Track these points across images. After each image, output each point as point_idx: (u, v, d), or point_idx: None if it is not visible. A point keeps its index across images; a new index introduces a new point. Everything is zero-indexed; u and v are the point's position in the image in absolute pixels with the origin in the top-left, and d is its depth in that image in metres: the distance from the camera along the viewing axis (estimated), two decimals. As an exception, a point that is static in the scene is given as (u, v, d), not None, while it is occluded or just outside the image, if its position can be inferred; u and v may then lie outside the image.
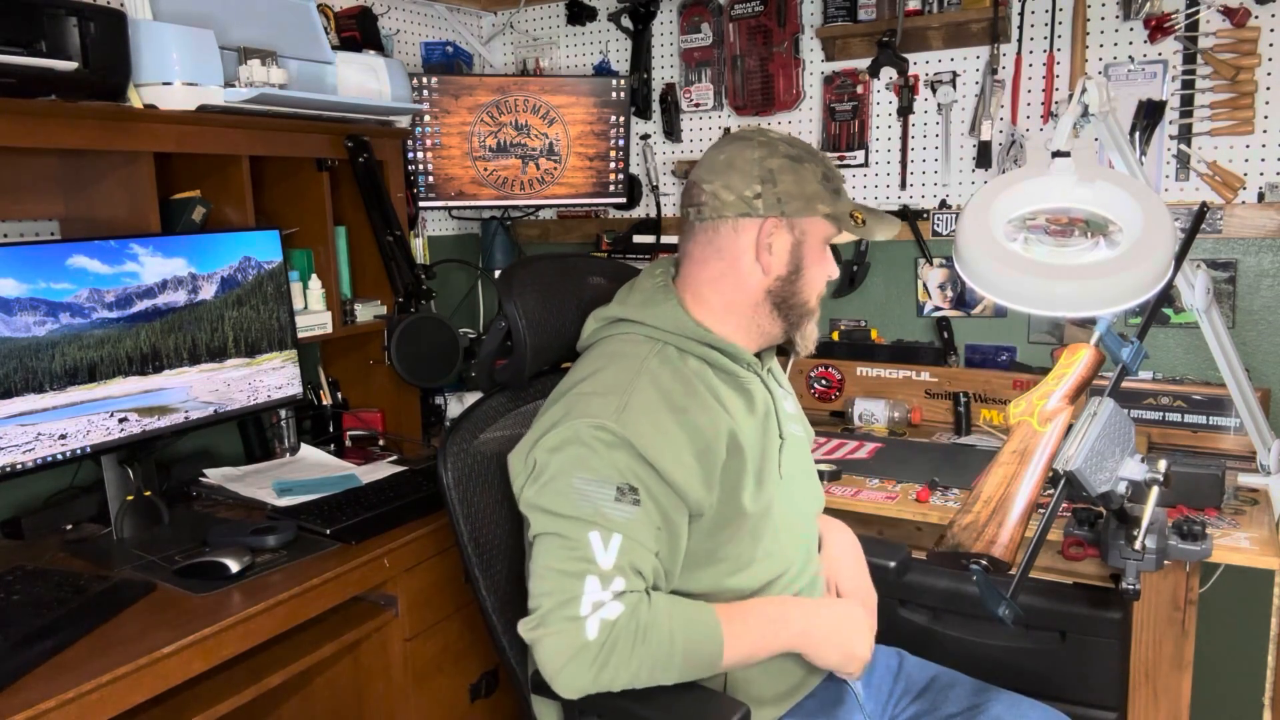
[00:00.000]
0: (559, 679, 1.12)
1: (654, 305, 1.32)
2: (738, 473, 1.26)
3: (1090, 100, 1.52)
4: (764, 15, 2.58)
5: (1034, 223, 1.44)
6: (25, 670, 1.22)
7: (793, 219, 1.29)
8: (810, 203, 1.28)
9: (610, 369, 1.27)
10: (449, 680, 1.86)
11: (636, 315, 1.32)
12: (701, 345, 1.30)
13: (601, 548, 1.14)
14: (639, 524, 1.16)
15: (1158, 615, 1.66)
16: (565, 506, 1.16)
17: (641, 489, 1.17)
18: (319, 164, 2.06)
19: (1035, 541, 1.37)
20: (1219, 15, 2.09)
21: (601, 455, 1.17)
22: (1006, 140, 2.35)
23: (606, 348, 1.32)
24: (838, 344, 2.58)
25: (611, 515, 1.15)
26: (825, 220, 1.30)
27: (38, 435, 1.53)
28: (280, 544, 1.62)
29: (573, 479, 1.17)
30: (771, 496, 1.31)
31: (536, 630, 1.14)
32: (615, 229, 2.90)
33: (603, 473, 1.16)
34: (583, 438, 1.18)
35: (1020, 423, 1.41)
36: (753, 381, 1.35)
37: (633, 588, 1.14)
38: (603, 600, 1.12)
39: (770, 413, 1.36)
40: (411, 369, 2.06)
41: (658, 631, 1.13)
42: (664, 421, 1.20)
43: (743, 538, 1.27)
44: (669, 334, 1.30)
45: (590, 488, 1.16)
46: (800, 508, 1.41)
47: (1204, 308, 1.70)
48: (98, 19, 1.57)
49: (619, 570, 1.13)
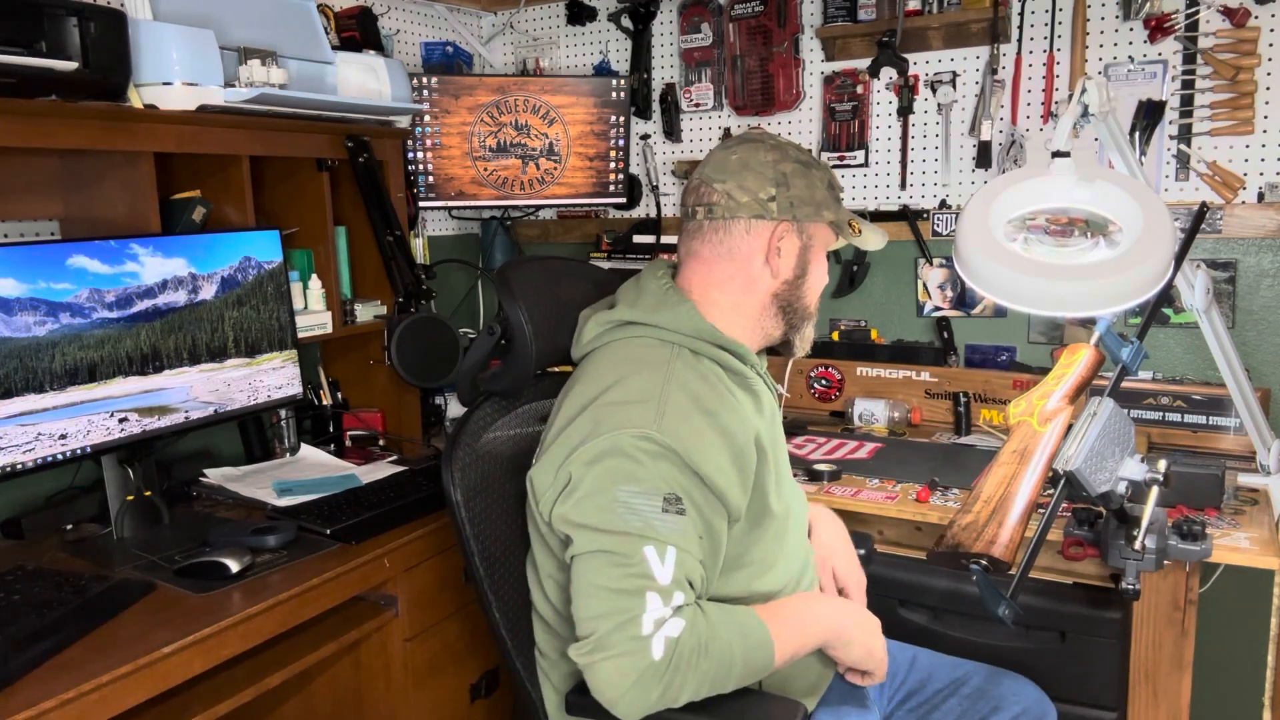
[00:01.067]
0: (622, 703, 1.07)
1: (668, 307, 1.29)
2: (764, 474, 1.26)
3: (1090, 100, 1.52)
4: (764, 15, 2.58)
5: (1034, 223, 1.44)
6: (25, 670, 1.22)
7: (803, 223, 1.30)
8: (819, 209, 1.30)
9: (636, 376, 1.22)
10: (449, 680, 1.86)
11: (649, 318, 1.29)
12: (714, 347, 1.29)
13: (659, 562, 1.10)
14: (686, 534, 1.13)
15: (1158, 615, 1.66)
16: (613, 522, 1.12)
17: (685, 498, 1.14)
18: (319, 164, 2.06)
19: (1035, 541, 1.37)
20: (1219, 15, 2.09)
21: (647, 466, 1.13)
22: (1006, 140, 2.35)
23: (620, 352, 1.28)
24: (838, 344, 2.58)
25: (661, 528, 1.11)
26: (829, 227, 1.33)
27: (38, 435, 1.53)
28: (280, 544, 1.62)
29: (616, 492, 1.13)
30: (789, 497, 1.34)
31: (594, 655, 1.09)
32: (615, 229, 2.90)
33: (649, 484, 1.13)
34: (624, 449, 1.14)
35: (1020, 423, 1.41)
36: (757, 382, 1.35)
37: (688, 601, 1.12)
38: (665, 617, 1.08)
39: (775, 413, 1.38)
40: (411, 369, 2.06)
41: (718, 643, 1.11)
42: (700, 427, 1.18)
43: (768, 540, 1.28)
44: (684, 336, 1.28)
45: (638, 500, 1.12)
46: (799, 506, 1.43)
47: (1204, 308, 1.70)
48: (98, 19, 1.57)
49: (677, 584, 1.10)
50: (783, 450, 1.38)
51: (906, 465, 2.08)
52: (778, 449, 1.34)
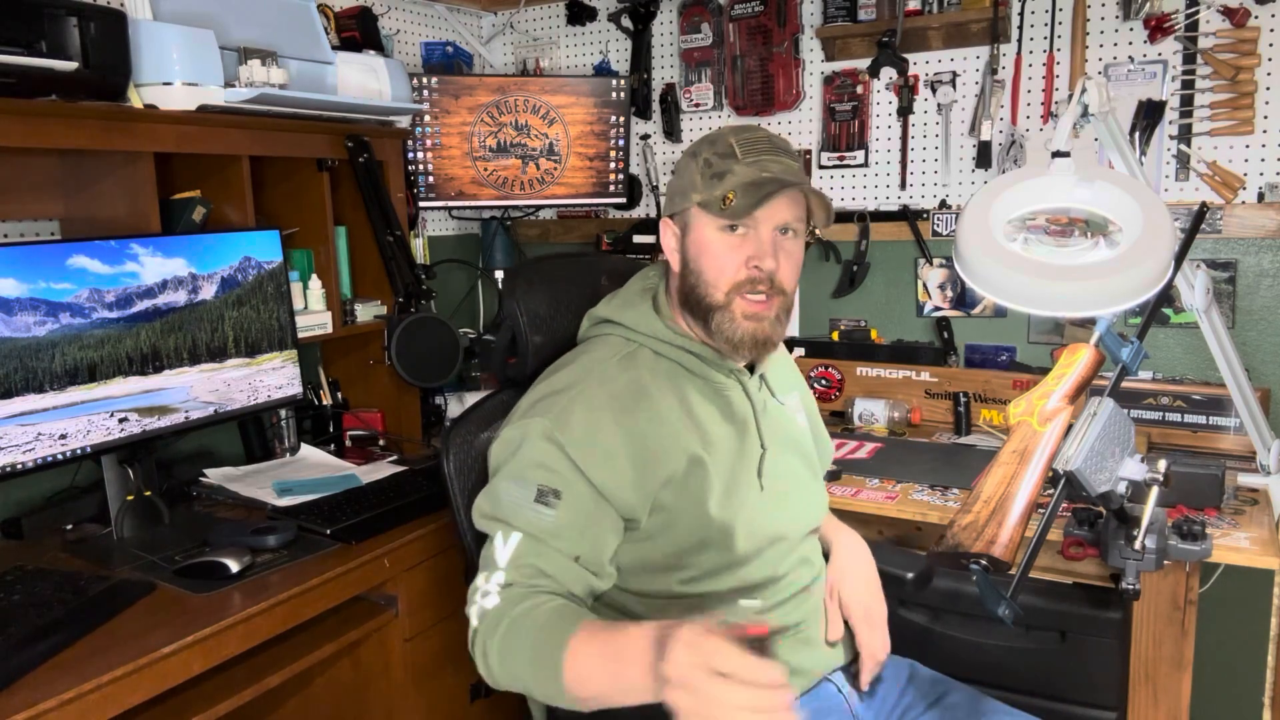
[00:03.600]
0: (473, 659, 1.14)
1: (630, 308, 1.33)
2: (701, 482, 1.24)
3: (1090, 100, 1.52)
4: (764, 15, 2.58)
5: (1034, 223, 1.44)
6: (25, 670, 1.22)
7: (676, 214, 1.30)
8: (685, 195, 1.27)
9: (567, 369, 1.29)
10: (449, 680, 1.86)
11: (616, 316, 1.34)
12: (674, 348, 1.30)
13: (502, 545, 1.14)
14: (553, 526, 1.14)
15: (1157, 615, 1.66)
16: (494, 508, 1.18)
17: (566, 490, 1.16)
18: (319, 164, 2.06)
19: (1035, 541, 1.37)
20: (1219, 15, 2.09)
21: (531, 456, 1.18)
22: (1006, 140, 2.35)
23: (584, 348, 1.35)
24: (838, 344, 2.58)
25: (520, 516, 1.15)
26: (700, 210, 1.25)
27: (38, 435, 1.53)
28: (280, 544, 1.62)
29: (500, 481, 1.20)
30: (746, 506, 1.28)
31: None
32: (615, 229, 2.90)
33: (528, 474, 1.17)
34: (516, 439, 1.20)
35: (1020, 423, 1.41)
36: (731, 388, 1.32)
37: (518, 581, 1.12)
38: (489, 590, 1.12)
39: (749, 421, 1.33)
40: (411, 369, 2.07)
41: (520, 630, 1.08)
42: (602, 423, 1.20)
43: (711, 547, 1.25)
44: (645, 336, 1.31)
45: (515, 489, 1.17)
46: (790, 517, 1.36)
47: (1204, 308, 1.70)
48: (98, 19, 1.57)
49: (513, 566, 1.13)
50: (752, 459, 1.31)
51: (906, 465, 2.08)
52: (743, 456, 1.30)
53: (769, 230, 1.24)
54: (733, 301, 1.24)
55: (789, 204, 1.24)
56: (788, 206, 1.24)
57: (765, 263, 1.23)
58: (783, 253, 1.25)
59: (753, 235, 1.23)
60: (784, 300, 1.27)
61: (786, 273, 1.26)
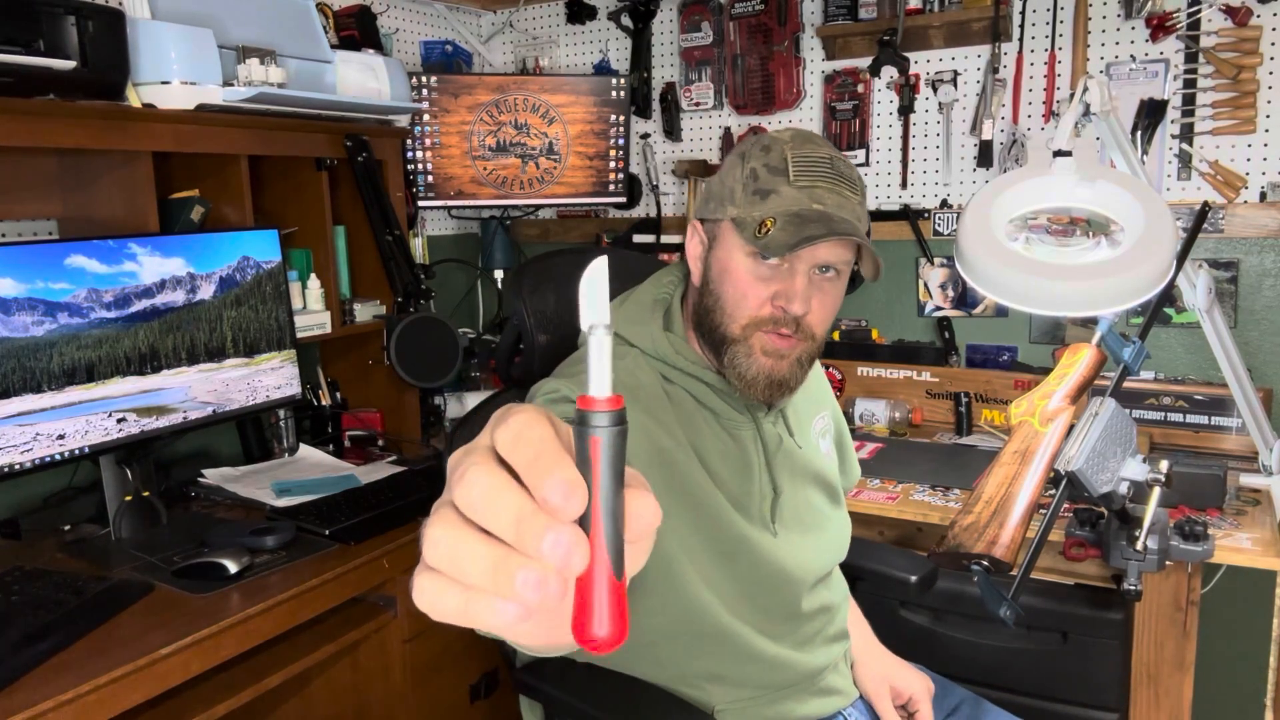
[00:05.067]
0: None
1: (638, 324, 1.16)
2: (662, 485, 1.08)
3: (1092, 99, 1.52)
4: (764, 14, 2.57)
5: (1035, 222, 1.43)
6: (24, 670, 1.22)
7: (710, 222, 1.12)
8: (722, 204, 1.09)
9: (577, 368, 1.15)
10: (449, 680, 1.85)
11: (622, 332, 1.16)
12: (684, 375, 1.13)
13: None
14: None
15: (1159, 616, 1.65)
16: None
17: None
18: (318, 163, 2.06)
19: (1036, 542, 1.36)
20: (1221, 14, 2.08)
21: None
22: (1008, 139, 2.34)
23: None
24: (838, 344, 2.57)
25: None
26: (733, 226, 1.08)
27: (36, 435, 1.53)
28: (279, 545, 1.61)
29: None
30: (746, 543, 1.15)
31: None
32: (615, 228, 2.90)
33: None
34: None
35: (1021, 423, 1.40)
36: (743, 426, 1.17)
37: None
38: None
39: (757, 465, 1.18)
40: (411, 369, 2.06)
41: None
42: None
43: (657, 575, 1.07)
44: (652, 359, 1.15)
45: None
46: (796, 561, 1.21)
47: (1206, 307, 1.69)
48: (96, 18, 1.57)
49: None
50: (753, 501, 1.16)
51: (907, 465, 2.08)
52: (743, 493, 1.14)
53: (805, 268, 1.07)
54: (751, 335, 1.09)
55: (836, 243, 1.07)
56: (832, 246, 1.07)
57: (793, 306, 1.07)
58: (818, 295, 1.09)
59: (785, 271, 1.07)
60: (811, 346, 1.12)
61: (818, 318, 1.10)
